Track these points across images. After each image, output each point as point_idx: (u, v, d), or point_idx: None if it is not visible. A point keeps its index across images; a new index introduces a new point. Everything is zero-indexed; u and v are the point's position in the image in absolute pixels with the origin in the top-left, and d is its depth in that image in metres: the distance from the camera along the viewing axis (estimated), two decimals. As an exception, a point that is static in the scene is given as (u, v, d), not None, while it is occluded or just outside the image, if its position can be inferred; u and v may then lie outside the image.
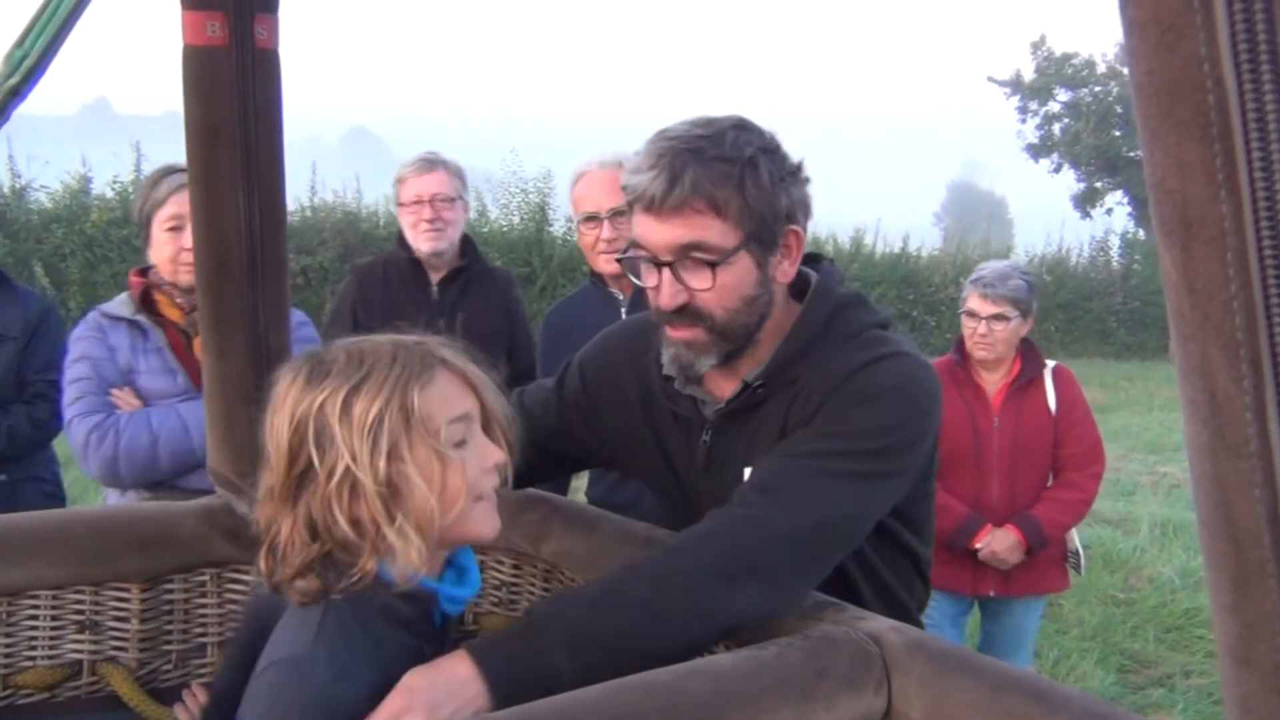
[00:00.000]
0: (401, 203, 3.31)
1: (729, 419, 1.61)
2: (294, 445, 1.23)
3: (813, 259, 1.67)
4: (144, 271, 2.66)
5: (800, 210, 1.53)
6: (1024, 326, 3.28)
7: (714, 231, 1.45)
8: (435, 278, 3.33)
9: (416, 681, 1.23)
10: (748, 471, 1.56)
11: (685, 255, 1.47)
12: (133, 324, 2.57)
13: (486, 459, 1.31)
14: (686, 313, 1.51)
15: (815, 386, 1.52)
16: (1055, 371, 3.34)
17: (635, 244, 1.52)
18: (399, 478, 1.23)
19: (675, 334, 1.54)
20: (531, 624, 1.33)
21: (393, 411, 1.22)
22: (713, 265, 1.46)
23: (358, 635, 1.24)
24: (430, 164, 3.32)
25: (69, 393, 2.50)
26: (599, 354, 1.82)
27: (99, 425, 2.44)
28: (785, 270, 1.55)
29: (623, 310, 2.91)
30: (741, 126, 1.49)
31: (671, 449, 1.71)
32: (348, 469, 1.21)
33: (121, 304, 2.61)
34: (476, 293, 3.36)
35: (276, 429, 1.25)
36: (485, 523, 1.33)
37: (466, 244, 3.40)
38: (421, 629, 1.31)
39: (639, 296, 2.85)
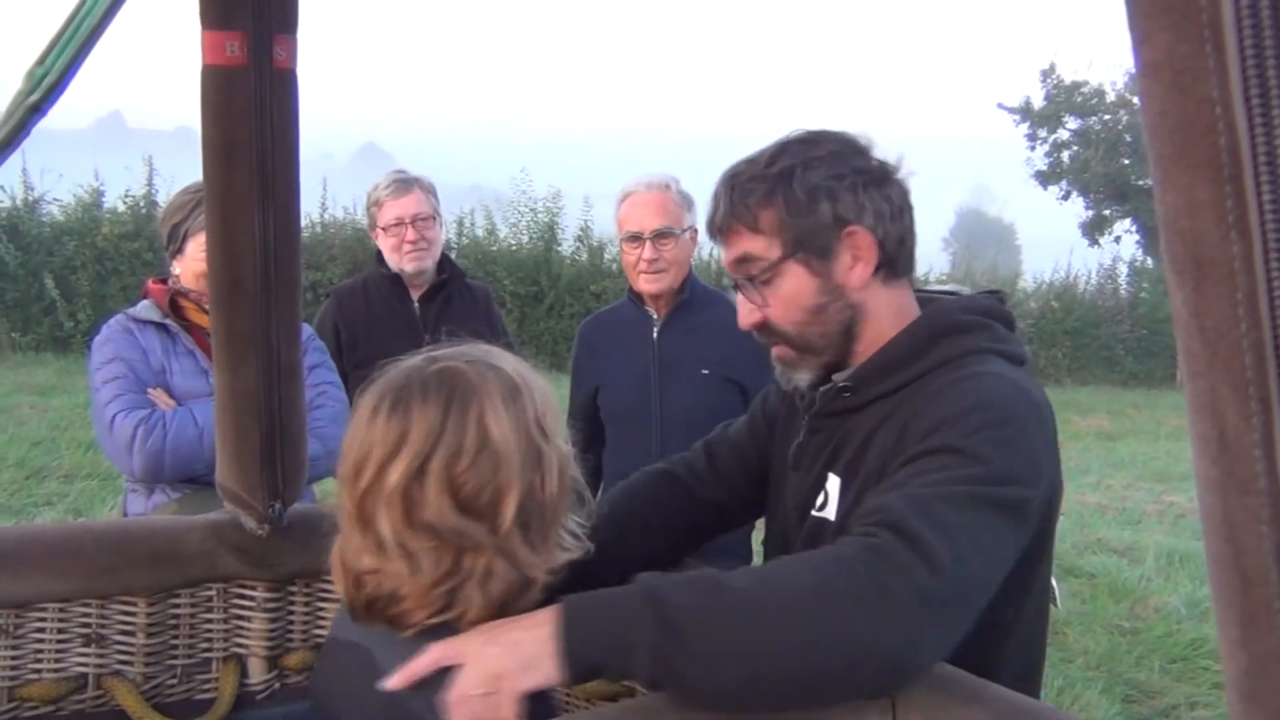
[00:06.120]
0: (381, 226, 3.28)
1: (821, 419, 1.63)
2: (526, 455, 1.28)
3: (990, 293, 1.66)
4: (162, 280, 2.70)
5: (861, 212, 1.50)
6: None
7: (756, 245, 1.54)
8: (416, 294, 3.34)
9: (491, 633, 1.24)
10: (831, 479, 1.57)
11: (742, 274, 1.57)
12: (161, 327, 2.62)
13: None
14: (765, 331, 1.60)
15: (918, 407, 1.44)
16: None
17: None
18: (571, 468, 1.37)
19: (773, 352, 1.64)
20: (631, 595, 1.22)
21: (552, 409, 1.35)
22: (761, 278, 1.54)
23: None
24: (405, 184, 3.30)
25: (105, 392, 2.51)
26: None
27: (145, 419, 2.46)
28: (859, 273, 1.52)
29: (655, 330, 2.94)
30: (790, 141, 1.55)
31: (777, 449, 1.77)
32: (561, 464, 1.33)
33: (147, 309, 2.65)
34: (458, 307, 3.37)
35: (500, 448, 1.26)
36: None
37: (444, 260, 3.41)
38: None
39: (671, 318, 2.93)
